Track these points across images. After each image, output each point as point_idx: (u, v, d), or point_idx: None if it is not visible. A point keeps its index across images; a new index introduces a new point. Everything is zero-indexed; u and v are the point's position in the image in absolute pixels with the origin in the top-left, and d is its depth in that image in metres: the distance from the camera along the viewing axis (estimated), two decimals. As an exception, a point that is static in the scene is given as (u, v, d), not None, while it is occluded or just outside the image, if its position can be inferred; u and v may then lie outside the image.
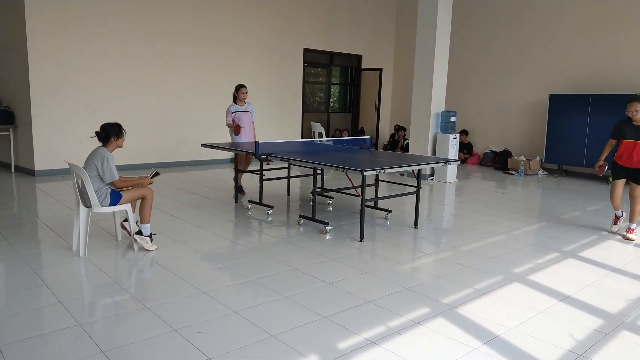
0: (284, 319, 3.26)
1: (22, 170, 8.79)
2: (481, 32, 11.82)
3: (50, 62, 8.30)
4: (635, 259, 4.80)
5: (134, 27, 9.15)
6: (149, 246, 4.58)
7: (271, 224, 5.80)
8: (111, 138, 4.43)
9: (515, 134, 11.33)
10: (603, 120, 9.28)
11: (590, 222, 6.26)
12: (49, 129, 8.40)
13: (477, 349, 2.92)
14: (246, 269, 4.21)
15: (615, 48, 9.62)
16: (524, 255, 4.80)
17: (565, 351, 2.93)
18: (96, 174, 4.32)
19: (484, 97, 11.88)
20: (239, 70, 10.75)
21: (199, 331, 3.04)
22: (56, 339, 2.93)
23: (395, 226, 5.78)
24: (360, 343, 2.95)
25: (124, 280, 3.99)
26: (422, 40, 9.11)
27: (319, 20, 12.18)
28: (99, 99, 8.86)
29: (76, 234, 4.49)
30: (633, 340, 3.11)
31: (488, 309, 3.51)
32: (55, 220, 5.58)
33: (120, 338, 2.95)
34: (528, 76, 11.02)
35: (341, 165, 4.90)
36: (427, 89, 9.11)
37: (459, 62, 11.72)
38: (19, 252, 4.48)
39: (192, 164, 10.21)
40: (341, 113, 14.35)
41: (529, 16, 10.92)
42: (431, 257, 4.70)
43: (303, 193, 7.70)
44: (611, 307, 3.60)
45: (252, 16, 10.81)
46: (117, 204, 4.46)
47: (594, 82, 9.87)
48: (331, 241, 5.09)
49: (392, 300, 3.62)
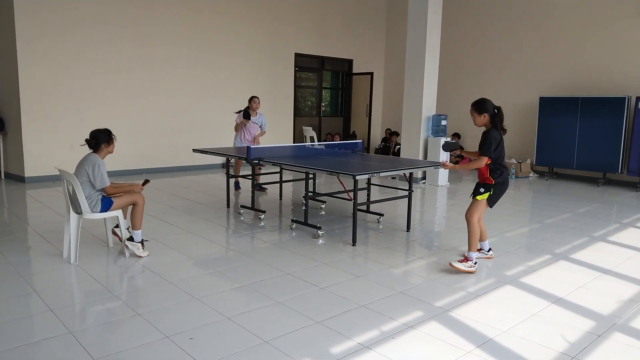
0: (277, 324, 3.24)
1: (11, 177, 8.71)
2: (471, 36, 11.89)
3: (40, 66, 8.24)
4: (626, 260, 4.83)
5: (124, 31, 9.11)
6: (140, 252, 4.55)
7: (264, 228, 5.79)
8: (101, 145, 4.41)
9: (506, 136, 11.14)
10: (593, 122, 9.36)
11: (581, 224, 6.29)
12: (39, 135, 8.34)
13: (470, 352, 2.92)
14: (239, 274, 4.19)
15: (605, 51, 9.71)
16: (515, 258, 4.81)
17: (558, 353, 2.94)
18: (87, 180, 4.29)
19: (475, 100, 11.91)
20: (231, 75, 10.74)
21: (192, 338, 3.02)
22: (47, 347, 2.90)
23: (388, 230, 5.79)
24: (354, 348, 2.95)
25: (116, 287, 3.96)
26: (412, 44, 9.15)
27: (310, 25, 12.20)
28: (89, 104, 8.80)
29: (67, 240, 4.45)
30: (625, 341, 3.13)
31: (481, 312, 3.52)
32: (45, 227, 5.53)
33: (112, 345, 2.92)
34: (518, 79, 11.10)
35: (333, 170, 4.90)
36: (417, 93, 9.15)
37: (449, 65, 11.78)
38: (9, 259, 4.43)
39: (184, 169, 10.17)
40: (333, 117, 14.36)
41: (519, 19, 11.00)
42: (424, 260, 4.71)
43: (295, 197, 7.69)
44: (603, 309, 3.62)
45: (243, 20, 10.81)
46: (108, 210, 4.43)
47: (584, 85, 9.95)
48: (324, 245, 5.08)
49: (385, 304, 3.62)
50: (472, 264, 4.31)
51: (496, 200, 4.36)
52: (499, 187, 4.31)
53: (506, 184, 4.37)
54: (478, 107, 4.35)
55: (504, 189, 4.37)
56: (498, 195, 4.35)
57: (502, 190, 4.36)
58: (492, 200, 4.33)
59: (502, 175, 4.31)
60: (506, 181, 4.37)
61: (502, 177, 4.31)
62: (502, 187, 4.34)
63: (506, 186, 4.38)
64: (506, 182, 4.37)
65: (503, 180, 4.32)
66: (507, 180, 4.39)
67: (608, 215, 6.97)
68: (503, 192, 4.39)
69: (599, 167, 9.45)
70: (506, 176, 4.37)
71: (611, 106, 9.13)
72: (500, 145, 4.28)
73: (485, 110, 4.30)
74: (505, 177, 4.36)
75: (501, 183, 4.31)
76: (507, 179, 4.39)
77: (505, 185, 4.36)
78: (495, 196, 4.33)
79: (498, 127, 4.29)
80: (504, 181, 4.34)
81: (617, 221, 6.60)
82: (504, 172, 4.32)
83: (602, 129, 9.25)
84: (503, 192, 4.39)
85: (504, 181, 4.34)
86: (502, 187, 4.34)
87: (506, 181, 4.37)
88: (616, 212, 7.23)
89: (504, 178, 4.34)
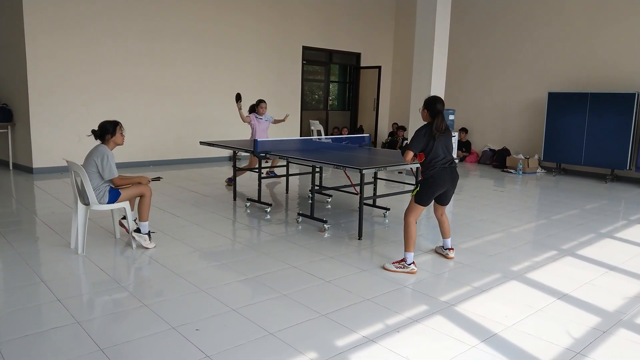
0: (282, 316, 3.26)
1: (20, 167, 8.77)
2: (480, 30, 11.81)
3: (48, 59, 8.28)
4: (633, 257, 4.81)
5: (132, 25, 9.13)
6: (147, 244, 4.58)
7: (270, 222, 5.80)
8: (106, 135, 4.42)
9: (514, 132, 11.33)
10: (601, 118, 9.29)
11: (588, 220, 6.26)
12: (47, 127, 8.39)
13: (475, 347, 2.93)
14: (244, 266, 4.21)
15: (614, 46, 9.62)
16: (522, 254, 4.80)
17: (563, 349, 2.94)
18: (95, 171, 4.31)
19: (483, 95, 11.87)
20: (238, 68, 10.74)
21: (198, 329, 3.05)
22: (54, 336, 2.93)
23: (394, 224, 5.78)
24: (359, 341, 2.96)
25: (123, 278, 3.99)
26: (420, 38, 9.10)
27: (318, 18, 12.16)
28: (97, 97, 8.84)
29: (74, 231, 4.48)
30: (630, 338, 3.12)
31: (486, 306, 3.52)
32: (53, 218, 5.58)
33: (119, 336, 2.95)
34: (527, 74, 11.02)
35: (340, 163, 4.90)
36: (425, 87, 9.10)
37: (458, 60, 11.71)
38: (17, 249, 4.47)
39: (191, 161, 10.20)
40: (340, 111, 14.33)
41: (528, 14, 10.91)
42: (429, 255, 4.71)
43: (302, 191, 7.69)
44: (609, 305, 3.61)
45: (251, 14, 10.79)
46: (116, 202, 4.46)
47: (593, 81, 9.87)
48: (330, 239, 5.09)
49: (390, 298, 3.63)
50: (407, 264, 4.15)
51: (427, 197, 4.20)
52: (426, 182, 4.19)
53: (437, 178, 4.16)
54: (425, 102, 4.32)
55: (436, 183, 4.17)
56: (427, 192, 4.19)
57: (431, 186, 4.18)
58: (420, 198, 4.19)
59: (433, 170, 4.16)
60: (437, 175, 4.16)
61: (431, 172, 4.17)
62: (431, 182, 4.17)
63: (439, 180, 4.17)
64: (437, 177, 4.16)
65: (432, 174, 4.16)
66: (438, 174, 4.16)
67: (615, 212, 6.93)
68: (435, 187, 4.19)
69: (607, 163, 9.38)
70: (437, 171, 4.16)
71: (620, 102, 9.05)
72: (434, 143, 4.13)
73: (427, 107, 4.27)
74: (436, 172, 4.16)
75: (430, 177, 4.17)
76: (438, 174, 4.16)
77: (435, 179, 4.17)
78: (424, 193, 4.18)
79: (434, 126, 4.14)
80: (434, 175, 4.16)
81: (624, 218, 6.56)
82: (435, 168, 4.16)
83: (610, 125, 9.18)
84: (435, 187, 4.19)
85: (434, 175, 4.16)
86: (430, 182, 4.17)
87: (437, 175, 4.16)
88: (624, 209, 7.19)
89: (434, 173, 4.16)
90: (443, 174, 4.19)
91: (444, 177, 4.21)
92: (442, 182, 4.21)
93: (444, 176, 4.20)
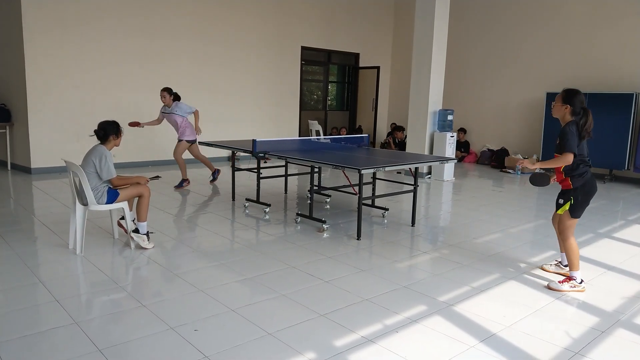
0: (280, 317, 3.26)
1: (18, 167, 8.76)
2: (479, 31, 11.82)
3: (46, 58, 8.26)
4: (631, 257, 4.82)
5: (130, 23, 9.12)
6: (145, 244, 4.58)
7: (268, 222, 5.80)
8: (110, 136, 4.43)
9: (513, 132, 11.34)
10: (600, 119, 9.24)
11: (586, 220, 6.26)
12: (45, 127, 8.37)
13: (473, 347, 2.93)
14: (243, 267, 4.21)
15: (612, 47, 9.63)
16: (520, 253, 4.80)
17: (561, 349, 2.94)
18: (94, 171, 4.31)
19: (482, 95, 11.88)
20: (237, 68, 10.73)
21: (196, 329, 3.04)
22: (52, 337, 2.92)
23: (393, 224, 5.79)
24: (357, 341, 2.96)
25: (121, 278, 3.99)
26: (419, 38, 9.10)
27: (317, 19, 12.16)
28: (95, 96, 8.83)
29: (73, 231, 4.48)
30: (629, 338, 3.13)
31: (485, 307, 3.52)
32: (51, 218, 5.57)
33: (117, 336, 2.94)
34: (525, 74, 11.03)
35: (339, 164, 4.90)
36: (424, 88, 9.11)
37: (456, 60, 11.71)
38: (15, 249, 4.47)
39: (189, 161, 10.16)
40: (339, 111, 14.34)
41: (526, 14, 10.92)
42: (428, 255, 4.71)
43: (300, 191, 7.69)
44: (607, 305, 3.61)
45: (250, 14, 10.78)
46: (114, 202, 4.45)
47: (591, 81, 9.87)
48: (328, 239, 5.09)
49: (389, 298, 3.63)
50: (577, 283, 3.85)
51: (582, 208, 3.78)
52: (582, 191, 3.74)
53: (590, 183, 3.76)
54: (565, 96, 3.79)
55: (592, 189, 3.77)
56: (585, 200, 3.76)
57: (588, 193, 3.76)
58: (576, 210, 3.77)
59: (586, 175, 3.75)
60: (590, 181, 3.75)
61: (584, 178, 3.74)
62: (587, 190, 3.76)
63: (593, 185, 3.78)
64: (590, 182, 3.76)
65: (586, 180, 3.74)
66: (591, 179, 3.75)
67: (614, 212, 6.94)
68: (591, 193, 3.77)
69: (606, 163, 9.39)
70: (589, 176, 3.74)
71: (618, 102, 9.06)
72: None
73: (570, 103, 3.75)
74: (588, 177, 3.73)
75: (586, 183, 3.75)
76: (591, 179, 3.75)
77: (591, 184, 3.76)
78: (582, 203, 3.74)
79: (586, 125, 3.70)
80: (589, 181, 3.75)
81: (622, 218, 6.57)
82: (586, 172, 3.75)
83: (609, 125, 9.18)
84: (591, 193, 3.77)
85: (589, 181, 3.75)
86: (587, 189, 3.76)
87: (590, 181, 3.75)
88: (622, 209, 7.20)
89: (587, 178, 3.74)
90: (592, 178, 3.80)
91: (594, 182, 3.82)
92: (595, 187, 3.81)
93: (593, 181, 3.80)
